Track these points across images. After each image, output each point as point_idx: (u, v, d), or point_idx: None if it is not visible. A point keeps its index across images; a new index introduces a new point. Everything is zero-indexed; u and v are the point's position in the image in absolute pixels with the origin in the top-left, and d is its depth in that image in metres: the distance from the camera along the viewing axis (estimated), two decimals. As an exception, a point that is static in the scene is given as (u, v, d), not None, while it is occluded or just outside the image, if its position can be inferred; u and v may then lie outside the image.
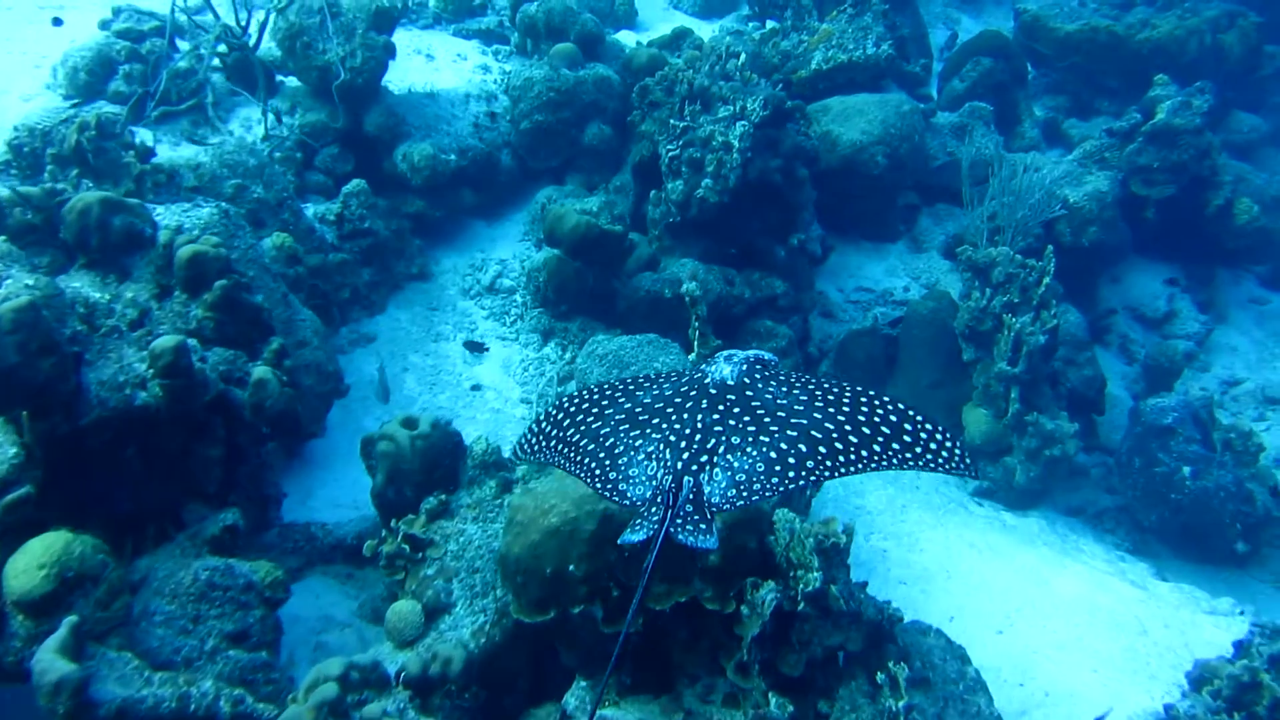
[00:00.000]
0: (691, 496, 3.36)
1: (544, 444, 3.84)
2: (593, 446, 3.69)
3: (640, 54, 8.80)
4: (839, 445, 3.42)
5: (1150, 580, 7.37)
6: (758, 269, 8.19)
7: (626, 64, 8.88)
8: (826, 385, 3.74)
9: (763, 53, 9.75)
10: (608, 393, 3.94)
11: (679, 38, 9.31)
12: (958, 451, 3.44)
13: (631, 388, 3.97)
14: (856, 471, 3.38)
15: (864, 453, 3.41)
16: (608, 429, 3.72)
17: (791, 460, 3.37)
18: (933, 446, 3.46)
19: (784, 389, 3.73)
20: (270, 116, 7.36)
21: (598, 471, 3.58)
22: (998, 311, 7.96)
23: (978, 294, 8.20)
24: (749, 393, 3.68)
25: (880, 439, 3.45)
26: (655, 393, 3.86)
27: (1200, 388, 8.71)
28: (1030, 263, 8.16)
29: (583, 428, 3.81)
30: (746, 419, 3.56)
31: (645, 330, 7.72)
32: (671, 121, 7.86)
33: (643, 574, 3.16)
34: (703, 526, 3.27)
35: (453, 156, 7.73)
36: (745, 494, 3.35)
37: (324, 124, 7.44)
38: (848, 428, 3.48)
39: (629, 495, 3.45)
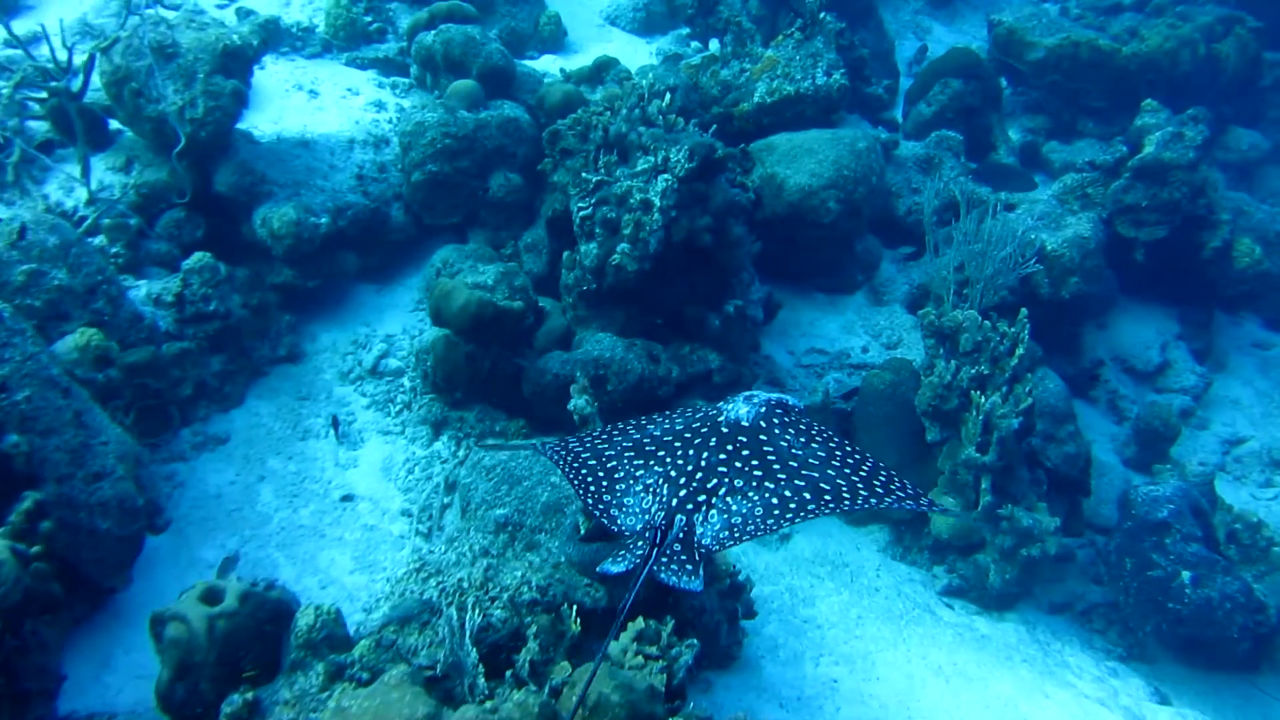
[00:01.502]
0: (681, 535, 3.39)
1: (559, 450, 3.96)
2: (594, 463, 3.79)
3: (554, 92, 7.85)
4: (846, 495, 3.49)
5: (1146, 705, 6.47)
6: (688, 341, 7.27)
7: (540, 103, 7.94)
8: (849, 448, 3.77)
9: (700, 83, 8.83)
10: (620, 426, 4.07)
11: (601, 69, 8.37)
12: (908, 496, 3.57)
13: (644, 422, 4.08)
14: (850, 510, 3.49)
15: (872, 501, 3.51)
16: (613, 452, 3.82)
17: (793, 506, 3.42)
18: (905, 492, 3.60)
19: (801, 439, 3.74)
20: (91, 176, 6.36)
21: (593, 490, 3.67)
22: (965, 387, 7.06)
23: (942, 365, 7.31)
24: (762, 436, 3.70)
25: (889, 496, 3.55)
26: (666, 425, 3.93)
27: (1199, 463, 7.85)
28: (1002, 328, 7.26)
29: (588, 444, 3.94)
30: (755, 463, 3.59)
31: (556, 417, 6.80)
32: (584, 175, 6.93)
33: (619, 612, 3.18)
34: (689, 568, 3.30)
35: (324, 219, 6.75)
36: (738, 535, 3.40)
37: (165, 183, 6.45)
38: (856, 480, 3.55)
39: (619, 522, 3.53)
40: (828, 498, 3.49)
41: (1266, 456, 9.08)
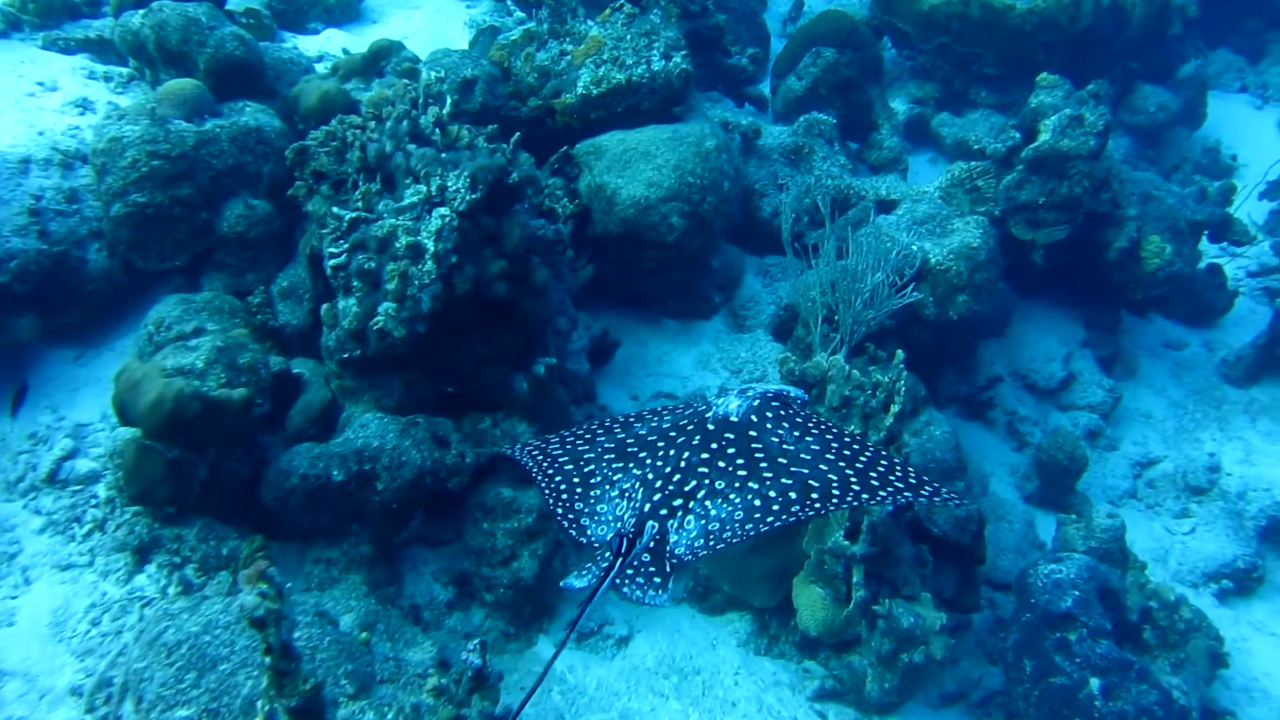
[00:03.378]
0: (652, 544, 3.22)
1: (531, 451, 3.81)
2: (570, 468, 3.60)
3: (310, 91, 6.29)
4: (835, 492, 3.27)
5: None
6: (490, 411, 5.95)
7: (294, 105, 6.38)
8: (849, 439, 3.55)
9: (514, 69, 7.36)
10: (605, 424, 3.88)
11: (379, 56, 6.80)
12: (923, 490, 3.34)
13: (632, 420, 3.90)
14: (839, 508, 3.27)
15: (864, 496, 3.27)
16: (592, 454, 3.64)
17: (776, 508, 3.22)
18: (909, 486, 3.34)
19: (796, 433, 3.54)
20: None
21: (565, 498, 3.51)
22: (831, 455, 5.92)
23: (807, 419, 6.15)
24: (752, 433, 3.51)
25: (877, 484, 3.31)
26: (653, 424, 3.76)
27: (1108, 513, 6.92)
28: (876, 376, 6.14)
29: (568, 444, 3.76)
30: (740, 461, 3.39)
31: (314, 528, 5.46)
32: (334, 210, 5.47)
33: (569, 628, 3.51)
34: (656, 580, 3.14)
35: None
36: (714, 543, 3.21)
37: None
38: (849, 474, 3.33)
39: (589, 532, 3.40)
40: (814, 496, 3.25)
41: (1181, 481, 8.27)
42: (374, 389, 5.74)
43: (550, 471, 3.66)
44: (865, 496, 3.28)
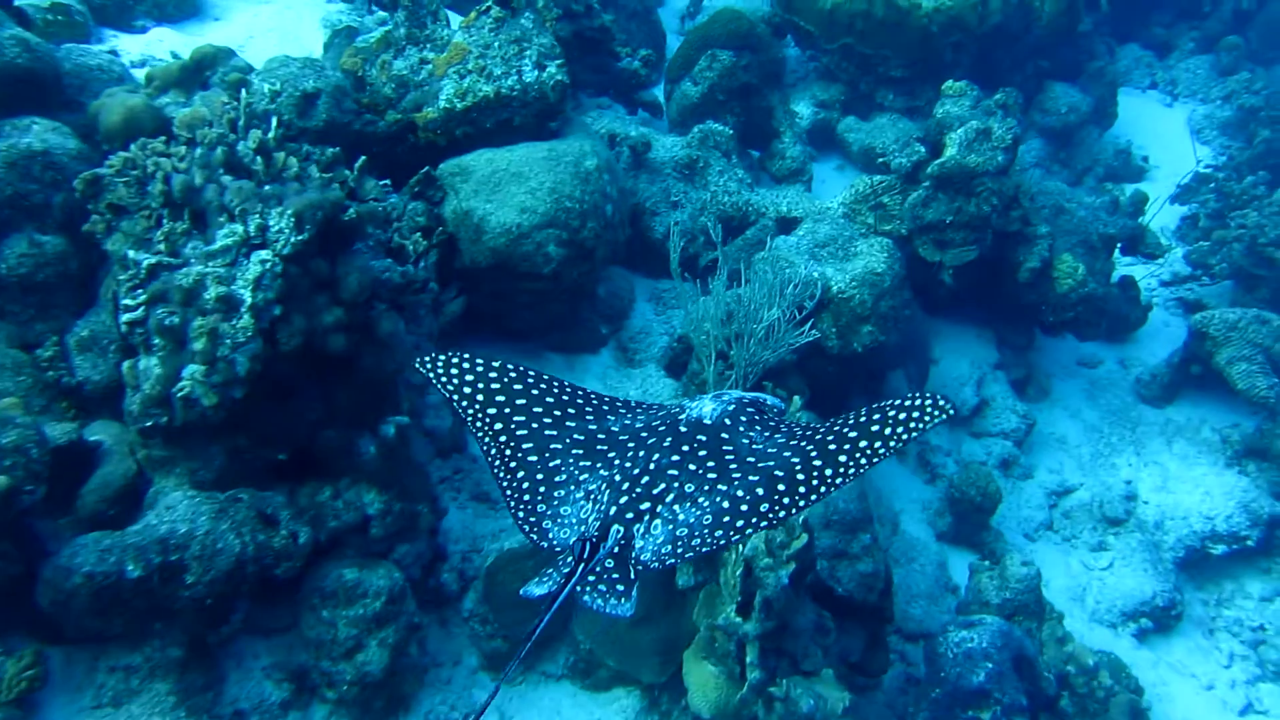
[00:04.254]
0: (616, 550, 3.11)
1: (473, 398, 3.51)
2: (535, 460, 3.39)
3: (113, 107, 5.42)
4: (800, 476, 3.16)
5: None
6: (331, 479, 5.24)
7: (94, 123, 5.52)
8: (816, 428, 3.41)
9: (369, 78, 6.60)
10: (578, 399, 3.64)
11: (203, 65, 5.94)
12: (927, 402, 3.21)
13: (605, 408, 3.69)
14: (819, 499, 3.14)
15: (827, 472, 3.15)
16: (559, 446, 3.44)
17: (744, 509, 3.14)
18: (901, 416, 3.21)
19: (766, 433, 3.48)
20: None
21: (526, 498, 3.32)
22: (721, 518, 5.36)
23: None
24: (724, 434, 3.45)
25: (847, 445, 3.19)
26: (627, 420, 3.63)
27: (1023, 560, 6.52)
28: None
29: (534, 426, 3.49)
30: (711, 464, 3.31)
31: (104, 632, 4.69)
32: (130, 255, 4.67)
33: (525, 639, 2.90)
34: (620, 588, 3.02)
35: None
36: (682, 550, 3.12)
37: None
38: (813, 453, 3.23)
39: (550, 536, 3.23)
40: (781, 489, 3.14)
41: (1098, 511, 7.97)
42: (189, 459, 4.96)
43: (513, 464, 3.40)
44: (830, 473, 3.14)
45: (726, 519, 3.13)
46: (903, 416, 3.21)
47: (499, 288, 6.42)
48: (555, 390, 3.66)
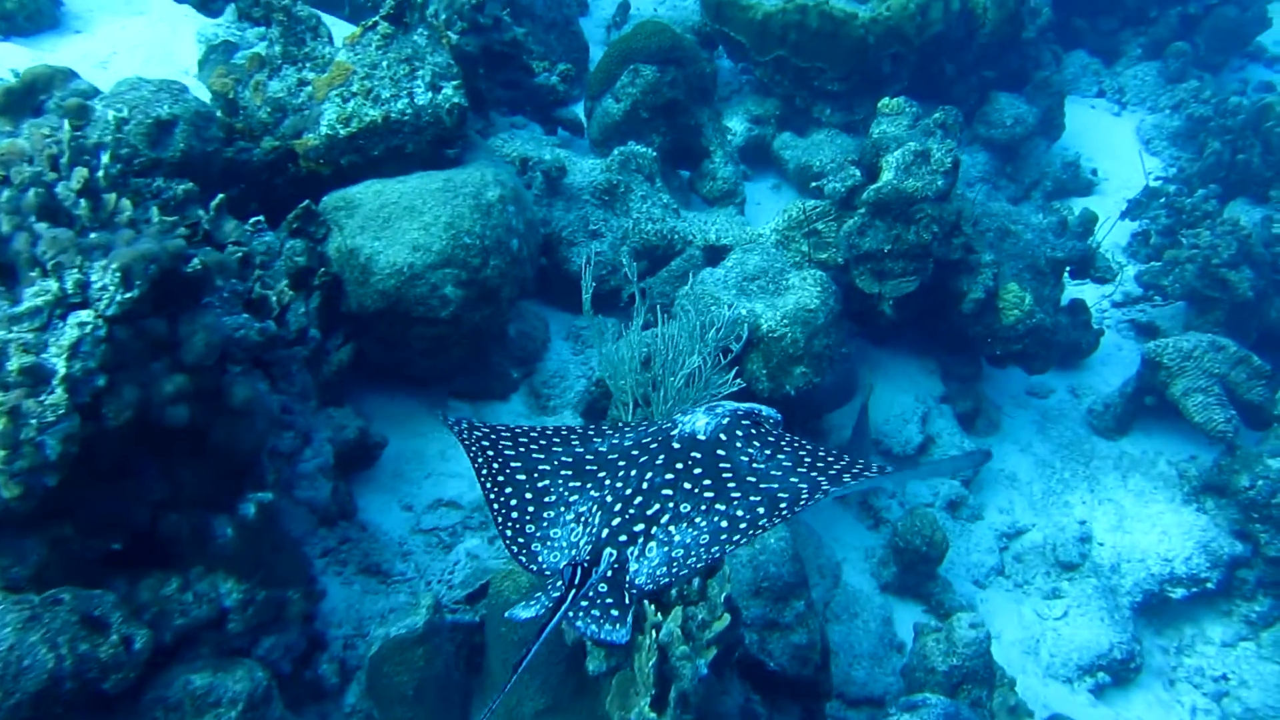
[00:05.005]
0: (610, 574, 3.02)
1: (481, 441, 3.45)
2: (523, 479, 3.37)
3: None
4: (804, 499, 3.10)
5: None
6: (178, 569, 4.59)
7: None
8: (823, 452, 3.38)
9: (242, 100, 5.96)
10: (563, 432, 3.61)
11: (38, 88, 5.23)
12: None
13: (591, 433, 3.64)
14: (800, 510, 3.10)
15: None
16: (547, 468, 3.40)
17: (743, 526, 3.07)
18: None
19: (767, 451, 3.36)
20: None
21: (515, 516, 3.27)
22: (633, 598, 4.80)
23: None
24: (720, 451, 3.33)
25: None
26: (615, 440, 3.55)
27: (971, 622, 6.04)
28: (689, 488, 5.05)
29: (522, 448, 3.48)
30: (707, 483, 3.22)
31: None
32: (-80, 319, 4.01)
33: (513, 668, 2.76)
34: (614, 613, 2.91)
35: None
36: (678, 570, 3.04)
37: None
38: (820, 479, 3.19)
39: (539, 559, 3.16)
40: (783, 505, 3.06)
41: (1051, 554, 7.54)
42: (1, 554, 4.30)
43: (501, 480, 3.35)
44: (829, 488, 3.13)
45: (723, 536, 3.05)
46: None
47: (392, 333, 5.82)
48: (536, 431, 3.63)
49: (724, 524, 3.08)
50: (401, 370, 6.13)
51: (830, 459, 3.33)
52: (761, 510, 3.08)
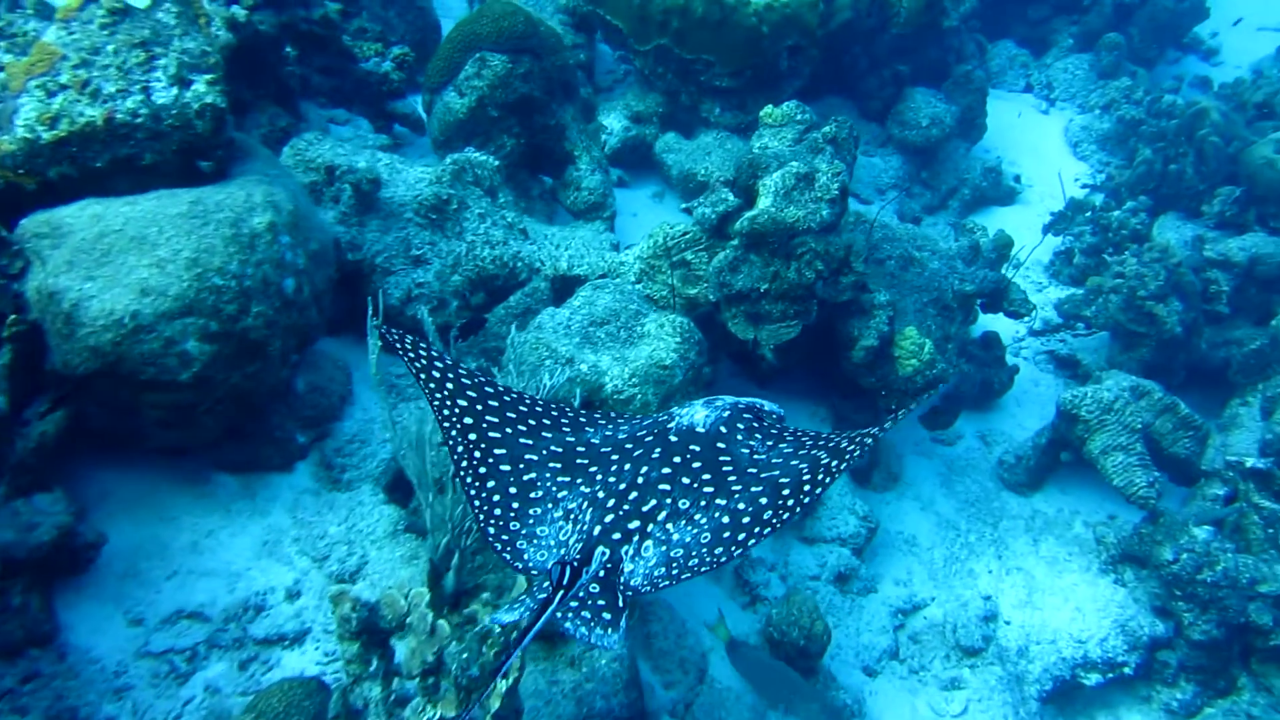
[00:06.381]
0: (602, 574, 2.86)
1: (442, 384, 3.24)
2: (508, 469, 3.14)
3: None
4: (806, 478, 2.98)
5: None
6: None
7: None
8: (825, 439, 3.24)
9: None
10: (553, 413, 3.37)
11: None
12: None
13: (583, 420, 3.44)
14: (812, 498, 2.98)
15: (833, 463, 3.00)
16: (535, 458, 3.18)
17: (746, 520, 2.91)
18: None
19: (769, 442, 3.27)
20: None
21: (498, 513, 3.07)
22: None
23: (374, 691, 3.94)
24: (720, 444, 3.22)
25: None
26: (608, 432, 3.38)
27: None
28: (486, 623, 3.97)
29: (507, 431, 3.21)
30: (706, 477, 3.09)
31: None
32: None
33: (493, 673, 2.83)
34: (605, 616, 2.75)
35: None
36: (678, 572, 2.87)
37: None
38: (823, 458, 3.08)
39: (526, 558, 2.99)
40: (786, 493, 2.94)
41: (951, 636, 6.63)
42: None
43: (483, 473, 3.10)
44: (833, 463, 2.98)
45: (727, 535, 2.89)
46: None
47: (117, 399, 4.58)
48: (528, 402, 3.38)
49: (726, 520, 2.92)
50: (143, 443, 4.89)
51: (831, 441, 3.15)
52: (764, 501, 2.92)
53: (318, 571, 5.02)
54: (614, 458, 3.20)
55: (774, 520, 2.91)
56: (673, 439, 3.21)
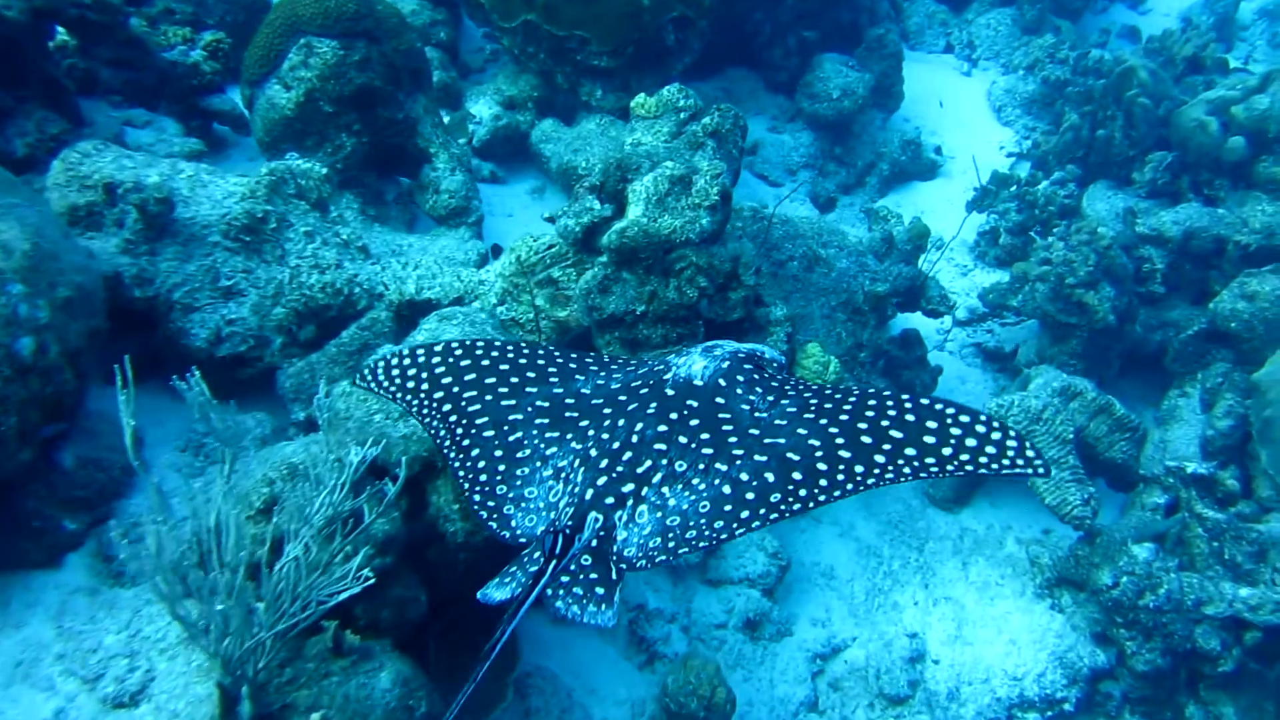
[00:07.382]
0: (595, 544, 2.72)
1: (418, 390, 3.17)
2: (492, 434, 3.03)
3: None
4: (821, 467, 2.76)
5: None
6: None
7: None
8: (830, 390, 3.09)
9: None
10: (539, 359, 3.27)
11: None
12: (1012, 444, 2.72)
13: (572, 366, 3.29)
14: (842, 496, 2.74)
15: (857, 469, 2.74)
16: (519, 417, 3.07)
17: (750, 497, 2.72)
18: (970, 443, 2.73)
19: (770, 397, 3.10)
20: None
21: (484, 478, 2.95)
22: None
23: None
24: (719, 399, 3.05)
25: (887, 445, 2.77)
26: (600, 381, 3.22)
27: None
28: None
29: (488, 399, 3.12)
30: (705, 436, 2.93)
31: None
32: None
33: (483, 659, 2.41)
34: (599, 591, 2.63)
35: None
36: (675, 545, 2.70)
37: None
38: (840, 441, 2.83)
39: (514, 524, 2.86)
40: (796, 477, 2.73)
41: (874, 682, 5.94)
42: None
43: (466, 444, 3.00)
44: (860, 472, 2.69)
45: (729, 508, 2.71)
46: (972, 444, 2.73)
47: None
48: (511, 354, 3.27)
49: (727, 489, 2.75)
50: None
51: (838, 397, 2.95)
52: (771, 478, 2.74)
53: (88, 696, 4.09)
54: (606, 411, 3.05)
55: (781, 507, 2.72)
56: (669, 393, 3.06)
